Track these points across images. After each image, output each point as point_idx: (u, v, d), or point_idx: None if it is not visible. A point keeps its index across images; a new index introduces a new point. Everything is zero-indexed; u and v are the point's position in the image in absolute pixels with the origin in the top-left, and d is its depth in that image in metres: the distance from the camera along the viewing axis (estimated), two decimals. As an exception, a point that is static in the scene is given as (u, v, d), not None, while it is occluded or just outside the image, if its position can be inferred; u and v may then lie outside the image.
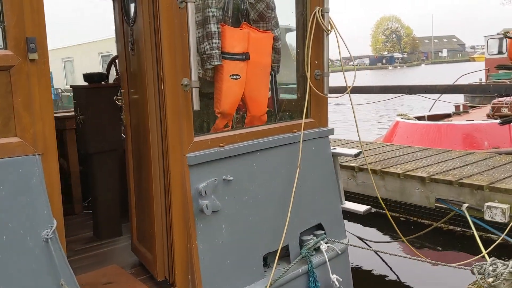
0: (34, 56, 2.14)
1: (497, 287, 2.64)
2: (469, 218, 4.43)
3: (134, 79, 3.07)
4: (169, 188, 2.72)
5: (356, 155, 3.84)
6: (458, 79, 14.38)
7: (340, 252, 3.64)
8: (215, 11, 2.91)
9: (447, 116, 12.90)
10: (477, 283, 2.90)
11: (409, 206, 6.30)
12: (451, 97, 11.96)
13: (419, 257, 4.02)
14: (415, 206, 6.00)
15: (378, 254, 5.29)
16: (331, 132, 3.77)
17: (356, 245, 3.70)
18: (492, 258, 3.11)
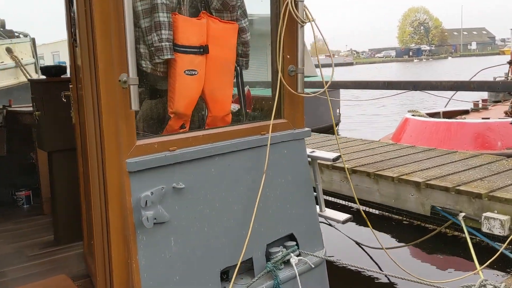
0: None
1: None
2: (465, 229, 4.06)
3: (79, 73, 2.79)
4: (106, 198, 2.43)
5: (335, 159, 3.50)
6: (478, 73, 13.78)
7: (314, 266, 3.32)
8: None
9: (464, 112, 12.36)
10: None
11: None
12: (473, 92, 11.36)
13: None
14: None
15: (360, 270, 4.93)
16: (308, 133, 3.44)
17: (331, 259, 3.37)
18: (481, 280, 2.77)
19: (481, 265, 3.68)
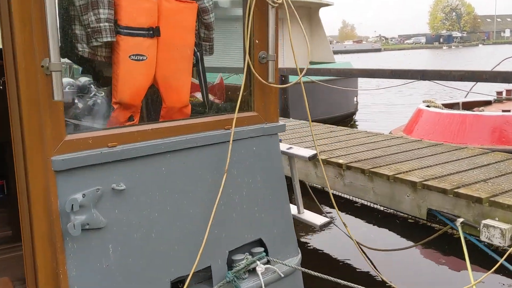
0: None
1: None
2: (462, 237, 3.68)
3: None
4: (29, 200, 2.15)
5: (311, 158, 3.16)
6: (501, 62, 13.09)
7: (283, 275, 3.00)
8: None
9: (486, 103, 11.75)
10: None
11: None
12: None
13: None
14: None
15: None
16: (282, 128, 3.10)
17: (304, 269, 3.05)
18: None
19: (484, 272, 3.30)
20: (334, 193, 5.70)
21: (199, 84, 3.17)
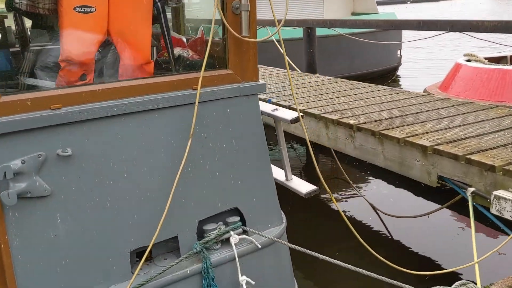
0: None
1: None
2: (471, 208, 3.36)
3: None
4: (-38, 166, 2.03)
5: (293, 121, 2.88)
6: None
7: (261, 246, 2.82)
8: None
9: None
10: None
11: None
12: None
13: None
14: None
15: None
16: (262, 88, 2.84)
17: (280, 240, 2.84)
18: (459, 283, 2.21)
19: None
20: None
21: (180, 39, 2.92)
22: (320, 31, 10.62)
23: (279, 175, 3.35)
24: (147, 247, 2.56)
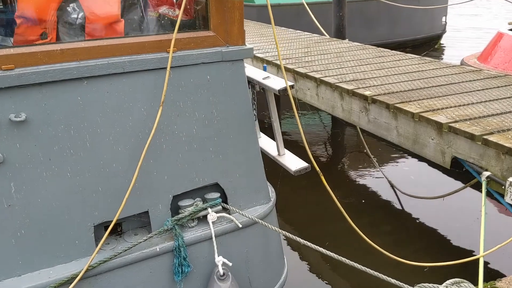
0: None
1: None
2: (483, 194, 3.06)
3: None
4: None
5: (281, 91, 2.63)
6: None
7: (241, 226, 2.64)
8: None
9: None
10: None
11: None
12: None
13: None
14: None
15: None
16: (249, 53, 2.60)
17: (262, 222, 2.64)
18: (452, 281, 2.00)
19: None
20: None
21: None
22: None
23: (272, 149, 3.13)
24: (117, 221, 2.43)
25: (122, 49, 2.27)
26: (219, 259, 2.56)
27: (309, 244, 2.56)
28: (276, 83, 2.79)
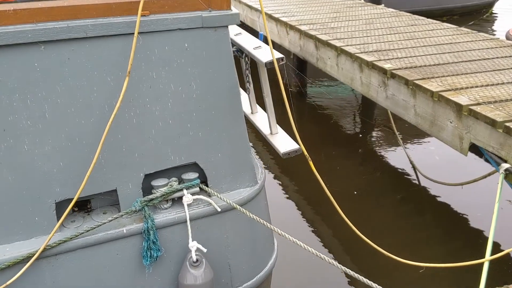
0: None
1: None
2: (499, 188, 2.75)
3: None
4: None
5: (268, 64, 2.37)
6: None
7: (222, 209, 2.46)
8: None
9: None
10: None
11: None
12: None
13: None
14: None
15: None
16: (234, 19, 2.34)
17: (242, 209, 2.44)
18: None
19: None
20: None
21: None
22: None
23: (266, 127, 2.89)
24: (81, 198, 2.29)
25: (85, 11, 2.05)
26: (192, 244, 2.40)
27: (299, 242, 2.36)
28: (266, 54, 2.52)
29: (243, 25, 12.42)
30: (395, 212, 4.52)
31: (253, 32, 4.83)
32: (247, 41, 2.72)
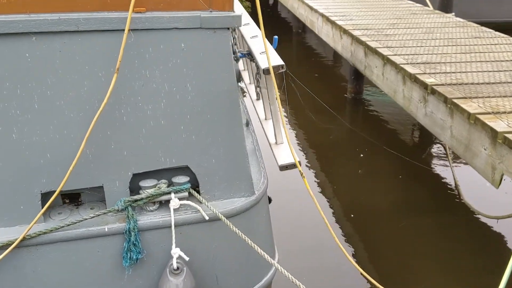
0: None
1: None
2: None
3: None
4: None
5: (265, 71, 2.27)
6: None
7: (208, 218, 2.39)
8: None
9: None
10: None
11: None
12: None
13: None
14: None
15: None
16: (236, 21, 2.26)
17: (225, 219, 2.35)
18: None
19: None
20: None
21: None
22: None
23: (273, 135, 2.78)
24: (68, 191, 2.32)
25: (79, 4, 2.06)
26: (175, 251, 2.34)
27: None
28: (264, 61, 2.41)
29: (303, 27, 12.25)
30: (426, 234, 4.23)
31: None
32: (257, 45, 2.62)
